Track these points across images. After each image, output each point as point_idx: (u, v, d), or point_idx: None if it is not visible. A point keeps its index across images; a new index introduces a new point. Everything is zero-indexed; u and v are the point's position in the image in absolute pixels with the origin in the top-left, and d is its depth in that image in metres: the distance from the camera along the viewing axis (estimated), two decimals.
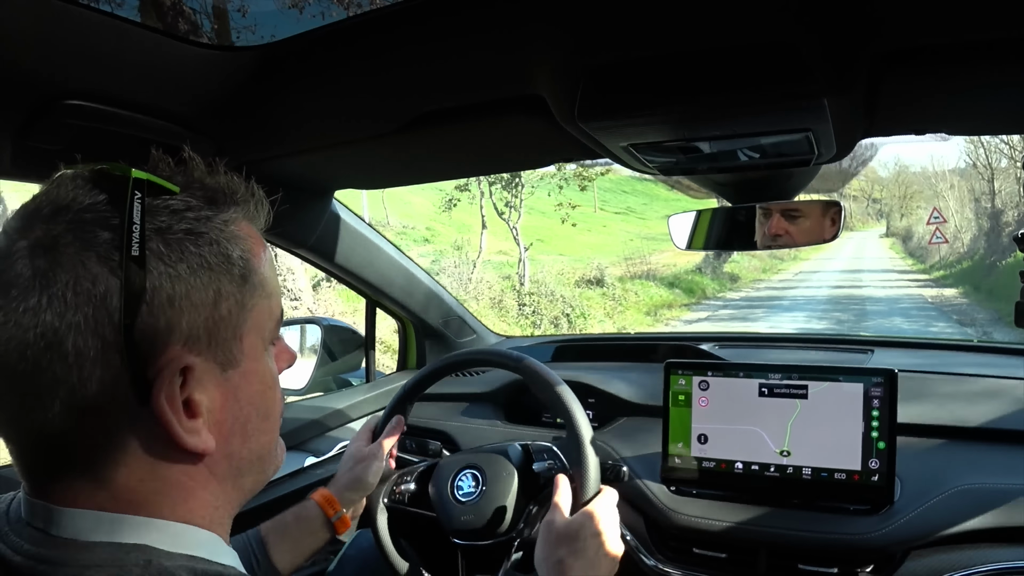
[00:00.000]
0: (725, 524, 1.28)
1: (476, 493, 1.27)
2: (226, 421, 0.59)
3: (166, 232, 0.54)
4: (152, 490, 0.56)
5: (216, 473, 0.60)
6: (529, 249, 14.79)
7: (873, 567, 1.20)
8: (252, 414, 0.62)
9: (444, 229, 16.75)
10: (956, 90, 0.93)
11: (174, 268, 0.53)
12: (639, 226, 32.08)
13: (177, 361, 0.54)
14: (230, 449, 0.60)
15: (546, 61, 0.88)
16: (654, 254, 21.80)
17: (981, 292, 16.10)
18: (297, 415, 1.76)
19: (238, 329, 0.59)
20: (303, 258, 1.66)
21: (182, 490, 0.57)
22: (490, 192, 14.29)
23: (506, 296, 13.72)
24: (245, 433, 0.61)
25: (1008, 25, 0.73)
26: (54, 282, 0.50)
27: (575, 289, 15.55)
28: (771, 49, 0.79)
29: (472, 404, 1.86)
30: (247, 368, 0.60)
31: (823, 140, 0.98)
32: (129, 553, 0.52)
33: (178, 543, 0.56)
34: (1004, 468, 1.25)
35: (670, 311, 15.72)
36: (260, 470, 0.65)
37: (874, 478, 1.24)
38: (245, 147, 1.17)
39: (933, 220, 23.06)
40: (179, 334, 0.54)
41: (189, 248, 0.55)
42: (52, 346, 0.50)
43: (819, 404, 1.28)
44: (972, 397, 1.44)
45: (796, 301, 16.60)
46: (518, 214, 14.23)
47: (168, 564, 0.53)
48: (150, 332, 0.52)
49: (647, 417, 1.58)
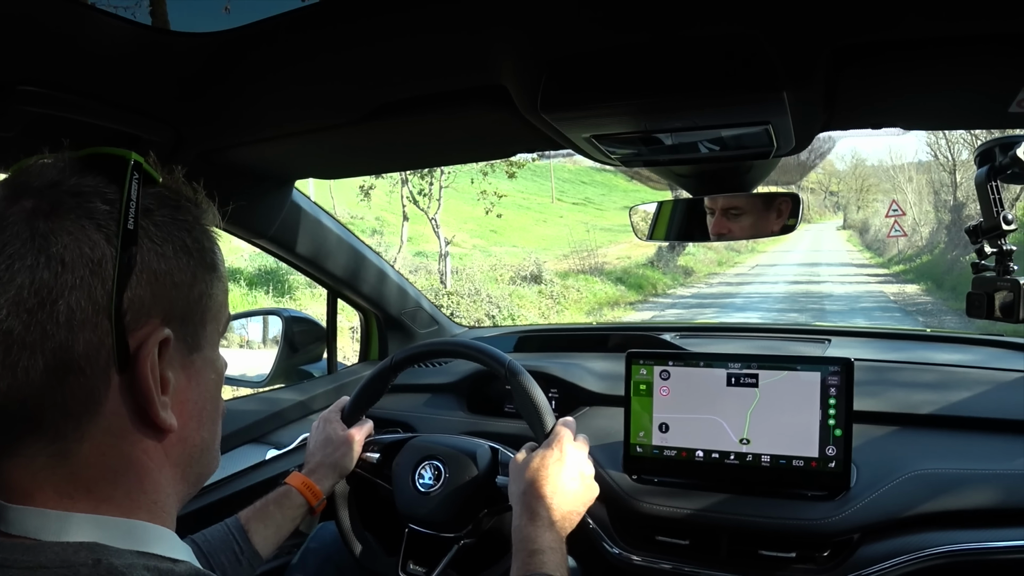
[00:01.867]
0: (687, 511, 1.30)
1: (434, 487, 1.28)
2: (187, 403, 0.62)
3: (154, 214, 0.58)
4: (111, 467, 0.56)
5: (171, 456, 0.61)
6: (478, 240, 13.69)
7: (830, 551, 1.23)
8: (207, 401, 0.65)
9: (396, 219, 16.21)
10: (911, 87, 0.95)
11: (161, 247, 0.57)
12: (597, 217, 32.04)
13: (158, 333, 0.57)
14: (186, 433, 0.62)
15: (509, 52, 0.88)
16: (610, 246, 21.27)
17: (945, 289, 15.12)
18: (258, 407, 1.73)
19: (204, 315, 0.62)
20: (263, 248, 1.64)
21: (139, 470, 0.58)
22: (405, 179, 12.87)
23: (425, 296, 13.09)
24: (200, 419, 0.64)
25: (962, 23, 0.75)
26: (53, 243, 0.52)
27: (508, 287, 14.41)
28: (731, 42, 0.80)
29: (435, 395, 1.85)
30: (207, 355, 0.64)
31: (782, 133, 0.99)
32: (77, 552, 0.52)
33: (128, 539, 0.55)
34: (955, 453, 1.29)
35: (613, 311, 14.59)
36: (206, 463, 0.67)
37: (831, 465, 1.26)
38: (204, 135, 1.16)
39: (892, 213, 23.36)
40: (160, 309, 0.57)
41: (173, 232, 0.59)
42: (45, 304, 0.52)
43: (777, 393, 1.30)
44: (925, 386, 1.48)
45: (750, 299, 15.83)
46: (437, 204, 12.89)
47: (118, 562, 0.52)
48: (137, 302, 0.55)
49: (609, 407, 1.59)
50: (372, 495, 1.40)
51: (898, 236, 24.01)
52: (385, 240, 16.24)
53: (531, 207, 31.25)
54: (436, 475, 1.29)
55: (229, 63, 0.95)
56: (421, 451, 1.33)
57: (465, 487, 1.27)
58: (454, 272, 13.65)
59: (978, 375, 1.49)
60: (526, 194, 32.53)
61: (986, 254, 1.09)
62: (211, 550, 1.11)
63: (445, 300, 11.80)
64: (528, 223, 24.29)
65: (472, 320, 11.26)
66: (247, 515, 1.18)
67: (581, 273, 17.82)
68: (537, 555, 1.00)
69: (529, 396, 1.20)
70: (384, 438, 1.42)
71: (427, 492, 1.28)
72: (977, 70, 0.87)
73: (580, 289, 16.00)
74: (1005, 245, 1.06)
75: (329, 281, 1.85)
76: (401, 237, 14.14)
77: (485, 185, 14.06)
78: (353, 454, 1.33)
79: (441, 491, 1.27)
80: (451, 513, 1.26)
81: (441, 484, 1.27)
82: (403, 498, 1.30)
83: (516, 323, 10.67)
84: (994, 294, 1.06)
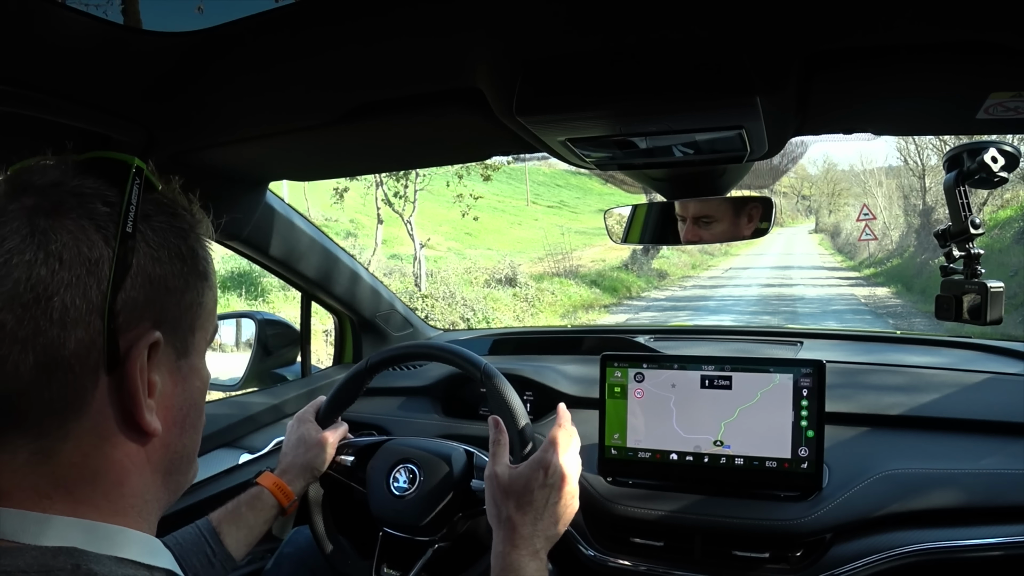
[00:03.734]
0: (661, 513, 1.31)
1: (409, 490, 1.27)
2: (172, 408, 0.62)
3: (151, 219, 0.59)
4: (92, 469, 0.56)
5: (152, 461, 0.61)
6: (452, 242, 13.66)
7: (803, 551, 1.24)
8: (191, 408, 0.65)
9: (370, 222, 15.96)
10: (882, 93, 0.96)
11: (157, 252, 0.58)
12: (572, 220, 32.03)
13: (149, 336, 0.57)
14: (170, 438, 0.62)
15: (484, 55, 0.88)
16: (585, 248, 21.14)
17: (914, 292, 15.44)
18: (231, 411, 1.72)
19: (194, 322, 0.63)
20: (235, 250, 1.62)
21: (120, 473, 0.58)
22: (380, 181, 12.86)
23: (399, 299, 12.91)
24: (184, 426, 0.64)
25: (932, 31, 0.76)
26: (52, 240, 0.53)
27: (483, 289, 14.33)
28: (705, 47, 0.81)
29: (409, 398, 1.85)
30: (194, 363, 0.64)
31: (755, 137, 1.00)
32: (56, 557, 0.51)
33: (108, 544, 0.55)
34: (924, 454, 1.31)
35: (588, 313, 14.67)
36: (185, 470, 0.66)
37: (803, 465, 1.28)
38: (176, 136, 1.14)
39: (863, 217, 23.70)
40: (152, 313, 0.58)
41: (169, 238, 0.60)
42: (40, 299, 0.52)
43: (751, 395, 1.31)
44: (895, 387, 1.50)
45: (724, 302, 15.89)
46: (412, 206, 12.88)
47: (97, 568, 0.52)
48: (130, 304, 0.56)
49: (584, 409, 1.59)
50: (346, 498, 1.39)
51: (869, 240, 24.39)
52: (359, 243, 16.16)
53: (506, 210, 31.17)
54: (411, 478, 1.28)
55: (202, 63, 0.94)
56: (396, 454, 1.33)
57: (440, 491, 1.26)
58: (429, 275, 13.64)
59: (947, 376, 1.51)
60: (501, 197, 32.47)
61: (954, 257, 1.11)
62: (183, 552, 1.10)
63: (420, 303, 11.77)
64: (503, 226, 24.16)
65: (447, 323, 11.23)
66: (219, 517, 1.17)
67: (556, 276, 17.87)
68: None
69: (504, 399, 1.20)
70: (359, 441, 1.42)
71: (402, 495, 1.27)
72: (946, 77, 0.88)
73: (555, 292, 16.01)
74: (973, 249, 1.08)
75: (302, 283, 1.84)
76: (376, 240, 14.10)
77: (461, 188, 14.04)
78: (326, 455, 1.32)
79: (416, 494, 1.26)
80: (426, 516, 1.26)
81: (416, 487, 1.27)
82: (377, 501, 1.30)
83: (491, 326, 10.82)
84: (962, 297, 1.08)
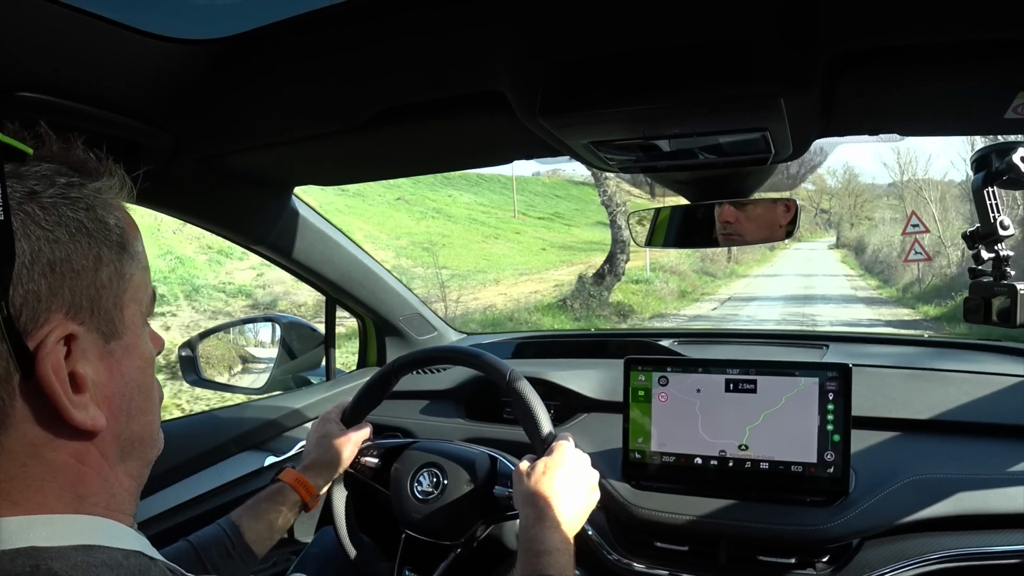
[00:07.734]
0: (686, 518, 1.30)
1: (432, 495, 1.28)
2: (113, 397, 0.58)
3: (40, 196, 0.52)
4: (37, 477, 0.52)
5: (108, 455, 0.58)
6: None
7: (829, 556, 1.23)
8: (135, 391, 0.60)
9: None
10: (908, 92, 0.95)
11: (52, 232, 0.52)
12: (561, 234, 30.77)
13: (60, 329, 0.52)
14: (118, 428, 0.58)
15: (508, 58, 0.88)
16: (550, 269, 18.92)
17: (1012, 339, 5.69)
18: (256, 415, 1.73)
19: (119, 298, 0.58)
20: (261, 254, 1.64)
21: (71, 475, 0.55)
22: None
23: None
24: (131, 411, 0.60)
25: (958, 29, 0.75)
26: None
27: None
28: (729, 49, 0.80)
29: (433, 401, 1.85)
30: (128, 342, 0.59)
31: (779, 139, 1.00)
32: (14, 560, 0.48)
33: (68, 535, 0.52)
34: (954, 459, 1.29)
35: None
36: (142, 454, 0.63)
37: (829, 470, 1.26)
38: (204, 142, 1.16)
39: (911, 229, 16.35)
40: (62, 301, 0.52)
41: (66, 212, 0.53)
42: None
43: (776, 398, 1.30)
44: (924, 391, 1.48)
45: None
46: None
47: (58, 566, 0.49)
48: (32, 299, 0.50)
49: (608, 413, 1.59)
50: (371, 499, 1.40)
51: (920, 259, 16.70)
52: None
53: (486, 221, 28.81)
54: (435, 483, 1.29)
55: (227, 70, 0.96)
56: (420, 458, 1.33)
57: (463, 497, 1.26)
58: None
59: (976, 380, 1.49)
60: (487, 207, 31.42)
61: (983, 259, 1.09)
62: (203, 547, 1.10)
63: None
64: (475, 239, 23.06)
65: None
66: (239, 512, 1.18)
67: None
68: (544, 556, 0.99)
69: (528, 405, 1.20)
70: (384, 443, 1.42)
71: (425, 499, 1.28)
72: (973, 76, 0.87)
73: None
74: (1002, 250, 1.07)
75: (327, 288, 1.85)
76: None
77: (444, 197, 13.15)
78: (349, 454, 1.32)
79: (439, 499, 1.27)
80: (448, 522, 1.26)
81: (439, 492, 1.27)
82: (401, 504, 1.30)
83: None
84: (991, 299, 1.06)
